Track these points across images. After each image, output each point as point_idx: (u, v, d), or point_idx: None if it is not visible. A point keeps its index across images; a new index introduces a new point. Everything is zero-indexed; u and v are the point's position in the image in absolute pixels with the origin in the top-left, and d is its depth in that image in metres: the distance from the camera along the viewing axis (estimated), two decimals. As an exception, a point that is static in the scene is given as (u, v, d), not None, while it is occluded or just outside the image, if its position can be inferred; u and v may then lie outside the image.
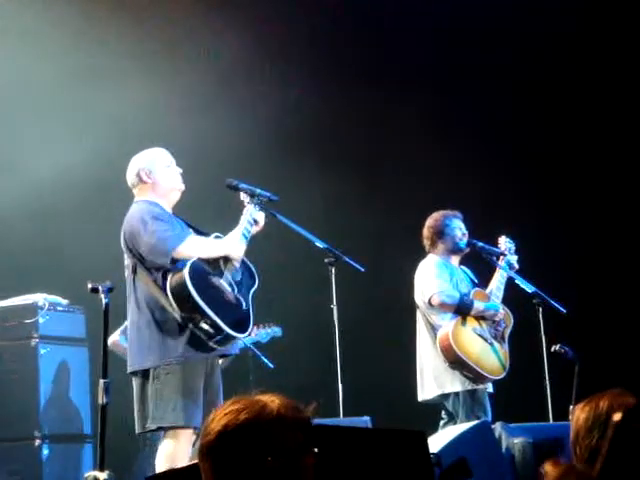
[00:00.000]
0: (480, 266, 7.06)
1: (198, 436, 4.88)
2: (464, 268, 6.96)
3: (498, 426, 5.78)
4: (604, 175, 8.83)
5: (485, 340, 6.68)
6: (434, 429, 6.28)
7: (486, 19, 8.63)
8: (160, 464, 5.12)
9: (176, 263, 5.10)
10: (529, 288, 6.94)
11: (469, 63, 8.81)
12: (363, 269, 6.14)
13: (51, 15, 8.11)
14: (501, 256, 7.00)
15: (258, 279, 5.45)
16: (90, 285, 4.86)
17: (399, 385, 7.26)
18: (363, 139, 8.90)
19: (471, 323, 6.67)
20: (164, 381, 5.07)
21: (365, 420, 6.02)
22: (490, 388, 6.69)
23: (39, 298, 7.10)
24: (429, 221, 6.92)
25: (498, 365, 6.67)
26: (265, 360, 7.20)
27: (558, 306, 6.91)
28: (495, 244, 7.10)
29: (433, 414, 6.75)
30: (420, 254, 6.93)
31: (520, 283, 6.96)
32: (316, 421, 2.29)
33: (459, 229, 6.86)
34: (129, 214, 5.31)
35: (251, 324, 5.33)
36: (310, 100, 8.62)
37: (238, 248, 5.32)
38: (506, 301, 6.87)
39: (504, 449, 5.63)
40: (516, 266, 7.00)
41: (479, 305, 6.70)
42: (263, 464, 2.19)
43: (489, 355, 6.65)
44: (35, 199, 7.96)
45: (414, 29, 8.80)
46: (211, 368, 5.22)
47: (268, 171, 7.69)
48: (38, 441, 6.85)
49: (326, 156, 8.70)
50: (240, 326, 5.19)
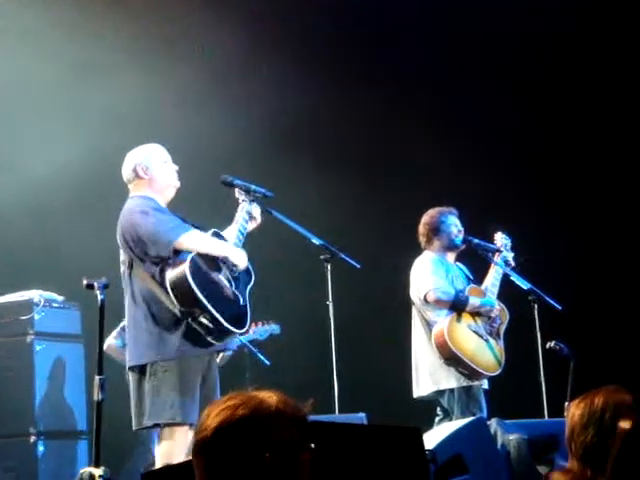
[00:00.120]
0: (476, 263, 7.06)
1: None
2: (459, 265, 6.96)
3: (493, 422, 5.78)
4: (603, 175, 8.84)
5: (480, 336, 6.68)
6: (429, 425, 6.28)
7: (486, 19, 8.62)
8: (157, 461, 5.12)
9: (176, 256, 5.08)
10: (524, 285, 6.95)
11: (469, 63, 8.80)
12: (359, 265, 6.15)
13: (47, 10, 8.10)
14: (497, 252, 7.00)
15: (254, 276, 5.45)
16: (85, 281, 4.85)
17: (394, 382, 7.27)
18: (362, 138, 8.88)
19: (466, 319, 6.67)
20: (161, 378, 5.05)
21: (360, 417, 6.03)
22: (485, 384, 6.70)
23: (35, 295, 7.09)
24: (425, 218, 6.92)
25: (493, 361, 6.68)
26: (261, 357, 7.22)
27: (553, 303, 6.92)
28: (493, 242, 7.10)
29: (428, 410, 6.75)
30: (416, 251, 6.93)
31: (515, 280, 6.97)
32: (311, 417, 2.28)
33: (455, 226, 6.87)
34: (125, 208, 5.28)
35: (249, 320, 5.32)
36: (305, 97, 8.61)
37: (243, 257, 5.31)
38: (501, 297, 6.87)
39: (499, 445, 5.63)
40: (512, 263, 7.01)
41: (475, 301, 6.70)
42: (260, 460, 2.17)
43: (484, 352, 6.66)
44: (31, 196, 7.95)
45: (414, 29, 8.80)
46: (208, 364, 5.21)
47: (263, 168, 7.69)
48: (33, 437, 6.84)
49: (322, 153, 8.68)
50: (238, 322, 5.19)
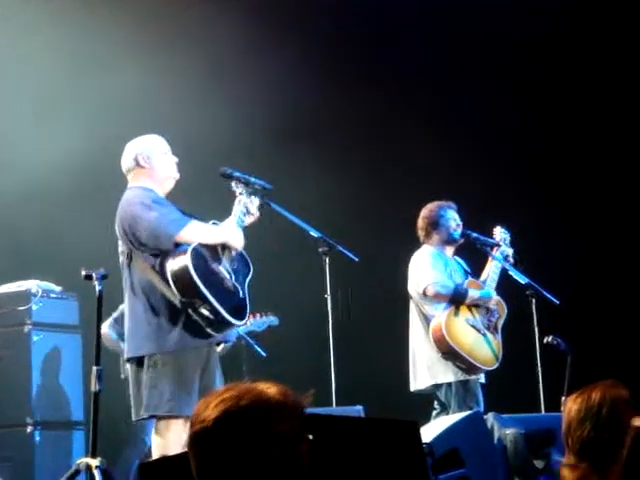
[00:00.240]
0: (474, 257, 7.06)
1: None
2: (458, 259, 6.96)
3: (490, 417, 5.79)
4: (602, 174, 8.84)
5: (478, 331, 6.68)
6: (426, 419, 6.29)
7: (486, 19, 8.61)
8: (153, 453, 5.12)
9: (176, 247, 5.06)
10: (522, 279, 6.95)
11: (469, 63, 8.79)
12: (357, 259, 6.14)
13: (48, 2, 8.09)
14: (496, 247, 7.00)
15: (252, 268, 5.44)
16: (84, 272, 4.85)
17: (392, 375, 7.26)
18: (362, 138, 8.88)
19: (464, 314, 6.67)
20: (159, 370, 5.04)
21: (358, 409, 6.03)
22: (482, 379, 6.70)
23: (32, 285, 7.07)
24: (424, 212, 6.92)
25: (491, 356, 6.68)
26: (258, 348, 7.22)
27: (551, 297, 6.92)
28: (492, 237, 7.10)
29: (426, 404, 6.75)
30: (415, 245, 6.93)
31: (514, 274, 6.97)
32: (309, 410, 2.27)
33: (453, 220, 6.87)
34: (124, 199, 5.25)
35: (248, 312, 5.32)
36: (306, 89, 8.60)
37: (240, 238, 5.30)
38: (499, 292, 6.87)
39: (496, 440, 5.64)
40: (511, 259, 7.00)
41: (474, 293, 6.70)
42: (260, 451, 2.16)
43: (482, 346, 6.66)
44: (30, 186, 7.93)
45: (414, 29, 8.78)
46: (207, 355, 5.19)
47: (262, 161, 7.67)
48: (30, 428, 6.84)
49: (321, 149, 8.68)
50: (238, 313, 5.18)
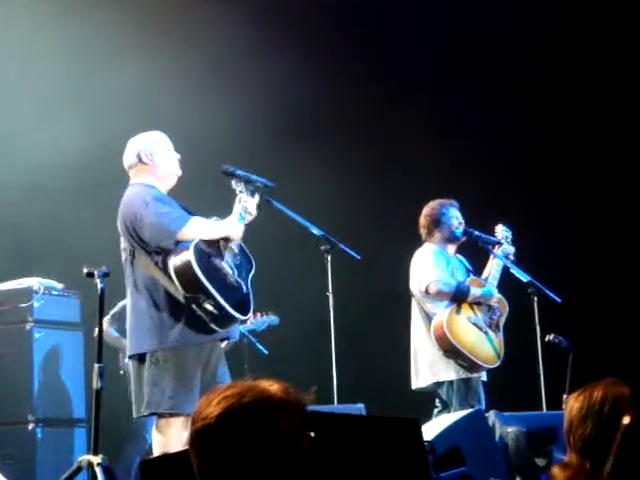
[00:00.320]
0: (476, 255, 7.05)
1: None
2: (459, 257, 6.95)
3: (492, 415, 5.78)
4: (602, 173, 8.83)
5: (480, 329, 6.68)
6: (428, 417, 6.29)
7: (486, 19, 8.60)
8: (154, 450, 5.12)
9: (178, 244, 5.08)
10: (524, 277, 6.94)
11: (469, 63, 8.78)
12: (359, 257, 6.14)
13: (49, 3, 8.10)
14: (497, 245, 7.00)
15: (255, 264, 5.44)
16: (86, 270, 4.85)
17: (393, 373, 7.26)
18: (362, 137, 8.87)
19: (466, 312, 6.67)
20: (161, 366, 5.05)
21: (359, 407, 6.03)
22: (484, 377, 6.70)
23: (34, 282, 7.07)
24: (426, 210, 6.91)
25: (493, 354, 6.67)
26: (260, 347, 7.23)
27: (553, 295, 6.92)
28: (494, 235, 7.09)
29: (427, 402, 6.75)
30: (416, 243, 6.92)
31: (515, 272, 6.96)
32: (311, 408, 2.27)
33: (455, 218, 6.86)
34: (127, 197, 5.27)
35: (251, 307, 5.32)
36: (307, 89, 8.59)
37: (237, 229, 5.30)
38: (501, 290, 6.86)
39: (497, 438, 5.64)
40: (512, 258, 6.99)
41: (476, 291, 6.70)
42: (262, 448, 2.15)
43: (484, 344, 6.65)
44: (32, 183, 7.94)
45: (414, 29, 8.77)
46: (210, 351, 5.18)
47: (264, 159, 7.66)
48: (32, 425, 6.84)
49: (323, 147, 8.67)
50: (241, 308, 5.18)
